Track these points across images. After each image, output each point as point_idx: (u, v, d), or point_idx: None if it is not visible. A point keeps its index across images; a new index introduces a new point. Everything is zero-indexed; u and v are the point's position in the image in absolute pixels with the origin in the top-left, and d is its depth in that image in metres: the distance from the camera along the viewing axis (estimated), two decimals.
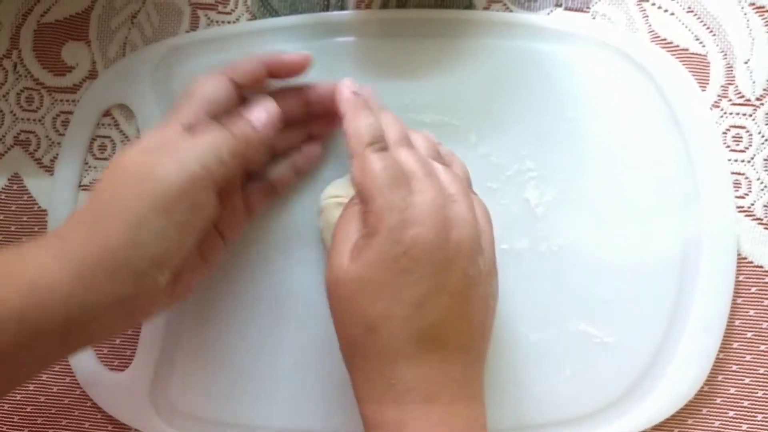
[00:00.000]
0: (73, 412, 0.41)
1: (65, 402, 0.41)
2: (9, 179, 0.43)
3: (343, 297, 0.31)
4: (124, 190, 0.31)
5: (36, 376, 0.41)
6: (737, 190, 0.40)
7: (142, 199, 0.30)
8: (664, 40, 0.41)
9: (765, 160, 0.40)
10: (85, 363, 0.41)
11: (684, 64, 0.40)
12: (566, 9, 0.42)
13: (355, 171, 0.33)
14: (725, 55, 0.41)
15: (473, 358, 0.32)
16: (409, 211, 0.31)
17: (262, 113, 0.35)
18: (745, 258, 0.39)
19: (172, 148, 0.32)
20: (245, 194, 0.38)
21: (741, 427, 0.39)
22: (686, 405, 0.38)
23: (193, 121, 0.33)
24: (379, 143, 0.33)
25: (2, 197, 0.43)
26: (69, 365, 0.41)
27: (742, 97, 0.40)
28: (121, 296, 0.30)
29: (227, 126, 0.34)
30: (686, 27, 0.41)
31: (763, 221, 0.40)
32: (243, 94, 0.36)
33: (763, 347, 0.39)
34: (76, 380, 0.41)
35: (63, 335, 0.29)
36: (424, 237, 0.30)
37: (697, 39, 0.41)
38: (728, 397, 0.39)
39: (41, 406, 0.42)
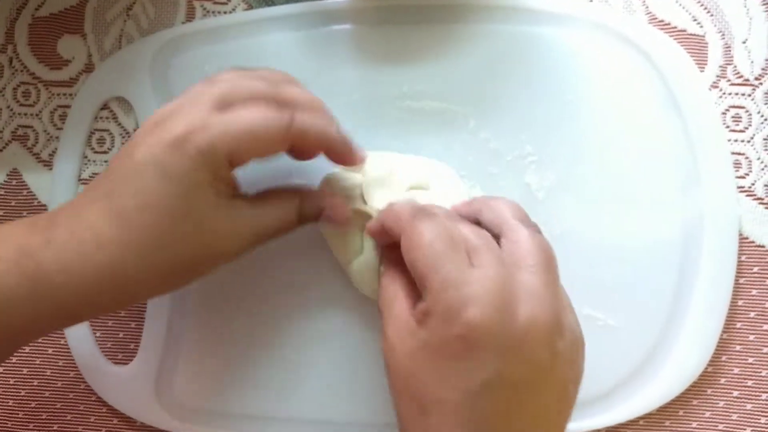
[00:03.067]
0: (78, 407, 0.41)
1: (70, 396, 0.41)
2: (8, 175, 0.43)
3: (399, 372, 0.29)
4: None
5: (41, 370, 0.41)
6: (737, 170, 0.40)
7: None
8: (662, 21, 0.41)
9: (765, 139, 0.40)
10: (88, 357, 0.41)
11: (682, 45, 0.40)
12: None
13: (402, 246, 0.29)
14: (723, 35, 0.41)
15: None
16: (466, 288, 0.27)
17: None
18: (746, 238, 0.39)
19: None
20: None
21: (745, 406, 0.39)
22: (691, 386, 0.38)
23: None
24: (424, 211, 0.30)
25: (2, 193, 0.43)
26: (73, 359, 0.41)
27: (741, 77, 0.40)
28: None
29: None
30: (683, 8, 0.41)
31: (764, 201, 0.40)
32: None
33: (766, 326, 0.39)
34: (80, 374, 0.41)
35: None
36: (480, 319, 0.27)
37: (695, 20, 0.41)
38: (732, 377, 0.39)
39: (45, 400, 0.41)
